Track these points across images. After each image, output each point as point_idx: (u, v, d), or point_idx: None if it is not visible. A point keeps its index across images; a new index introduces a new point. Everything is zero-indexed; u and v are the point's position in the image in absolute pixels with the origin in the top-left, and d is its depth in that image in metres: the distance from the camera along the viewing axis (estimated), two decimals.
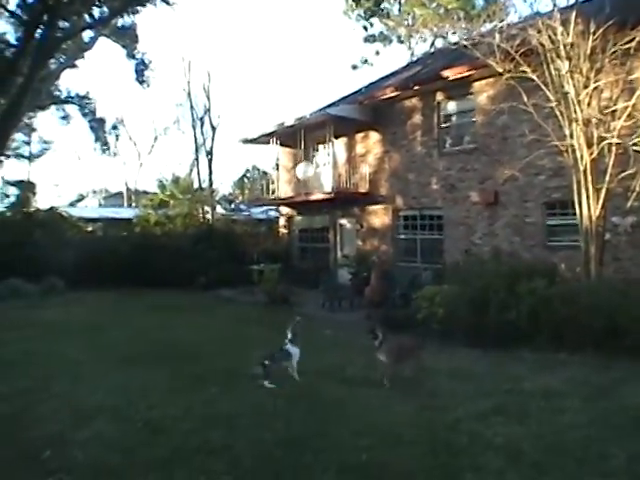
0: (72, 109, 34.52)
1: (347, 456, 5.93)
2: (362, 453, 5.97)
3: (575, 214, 12.91)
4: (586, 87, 12.31)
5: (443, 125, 19.18)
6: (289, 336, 9.13)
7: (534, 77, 12.97)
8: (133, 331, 13.58)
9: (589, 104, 12.38)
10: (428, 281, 14.86)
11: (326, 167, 22.59)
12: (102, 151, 37.01)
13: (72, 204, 55.27)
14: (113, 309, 17.71)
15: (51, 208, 27.48)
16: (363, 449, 6.06)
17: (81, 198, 65.32)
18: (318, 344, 10.27)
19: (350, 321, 14.38)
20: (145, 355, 10.87)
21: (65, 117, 34.92)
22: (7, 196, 33.54)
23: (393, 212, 20.77)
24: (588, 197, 12.41)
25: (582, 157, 12.39)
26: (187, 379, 9.06)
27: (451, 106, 19.01)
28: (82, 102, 32.91)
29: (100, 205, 58.60)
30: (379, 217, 21.33)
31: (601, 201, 12.33)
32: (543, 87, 12.89)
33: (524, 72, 13.11)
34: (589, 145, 12.31)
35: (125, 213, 35.07)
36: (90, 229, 30.23)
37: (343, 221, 23.30)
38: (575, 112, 12.41)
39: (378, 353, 8.77)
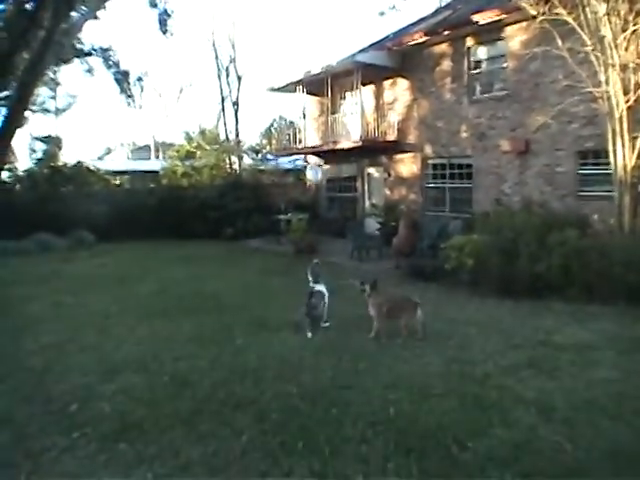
0: (96, 62, 34.21)
1: (375, 409, 5.85)
2: (390, 406, 5.87)
3: (609, 164, 12.48)
4: (624, 31, 11.75)
5: (473, 71, 18.55)
6: (310, 279, 9.16)
7: (569, 20, 12.41)
8: (160, 283, 13.53)
9: (627, 49, 11.83)
10: (457, 231, 14.45)
11: (354, 115, 22.11)
12: (127, 104, 36.69)
13: (100, 158, 55.41)
14: (141, 261, 17.62)
15: (78, 162, 27.49)
16: (392, 402, 5.99)
17: (109, 152, 65.54)
18: (345, 294, 10.16)
19: (378, 271, 14.02)
20: (171, 307, 10.83)
21: (89, 70, 34.63)
22: (34, 151, 33.61)
23: (422, 161, 20.31)
24: (623, 146, 11.98)
25: (618, 104, 11.92)
26: (213, 331, 9.04)
27: (481, 52, 18.38)
28: (105, 54, 32.56)
29: (128, 158, 58.20)
30: (407, 166, 20.98)
31: (637, 150, 11.90)
32: (579, 30, 12.33)
33: (559, 15, 12.55)
34: (626, 92, 11.82)
35: (152, 165, 34.94)
36: (118, 182, 30.28)
37: (371, 170, 22.90)
38: (612, 57, 11.89)
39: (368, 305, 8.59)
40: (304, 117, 25.47)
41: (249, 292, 12.39)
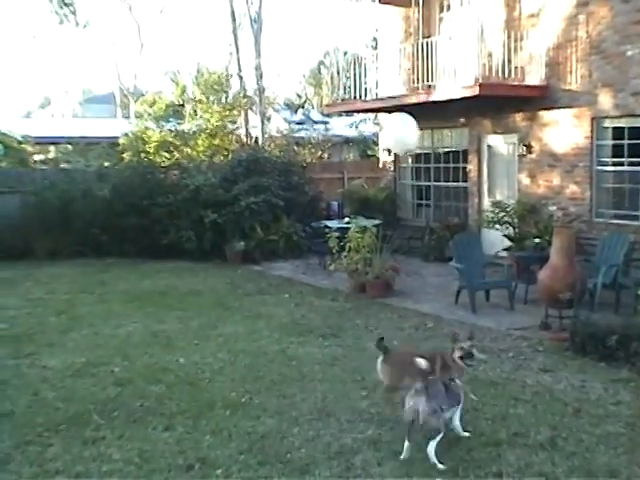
0: None
1: None
2: None
3: None
4: None
5: None
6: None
7: None
8: (90, 349, 8.73)
9: None
10: None
11: (465, 40, 15.46)
12: (62, 18, 24.94)
13: (28, 116, 42.76)
14: (67, 301, 11.79)
15: None
16: None
17: (45, 105, 50.85)
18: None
19: (510, 334, 9.40)
20: (96, 408, 6.27)
21: None
22: None
23: (592, 123, 13.84)
24: None
25: None
26: None
27: None
28: None
29: (74, 116, 42.55)
30: (563, 133, 14.38)
31: None
32: None
33: None
34: None
35: (116, 128, 23.85)
36: (42, 158, 21.14)
37: (494, 140, 16.47)
38: None
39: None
40: (376, 46, 19.08)
41: (258, 376, 7.68)
